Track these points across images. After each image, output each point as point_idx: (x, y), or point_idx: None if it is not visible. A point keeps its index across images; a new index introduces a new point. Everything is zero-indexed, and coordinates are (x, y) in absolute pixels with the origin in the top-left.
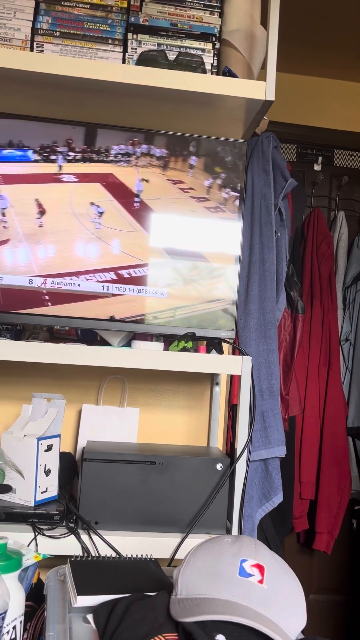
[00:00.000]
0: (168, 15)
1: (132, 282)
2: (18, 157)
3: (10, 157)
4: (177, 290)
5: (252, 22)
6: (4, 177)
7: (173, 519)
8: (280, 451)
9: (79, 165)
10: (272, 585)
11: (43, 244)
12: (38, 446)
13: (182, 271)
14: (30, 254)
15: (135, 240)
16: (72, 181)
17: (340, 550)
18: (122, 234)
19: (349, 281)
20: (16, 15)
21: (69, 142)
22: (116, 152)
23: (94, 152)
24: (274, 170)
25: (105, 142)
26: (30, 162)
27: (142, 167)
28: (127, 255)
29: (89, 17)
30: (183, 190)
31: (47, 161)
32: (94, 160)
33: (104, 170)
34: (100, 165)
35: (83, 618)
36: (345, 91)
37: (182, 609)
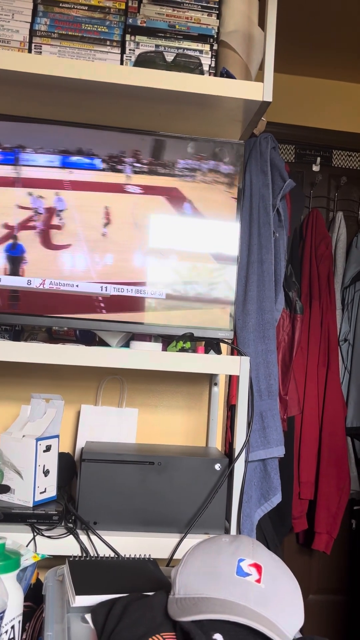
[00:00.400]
0: (166, 16)
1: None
2: (86, 165)
3: (79, 164)
4: (175, 291)
5: (249, 24)
6: (72, 184)
7: (171, 519)
8: (279, 451)
9: (144, 177)
10: (270, 584)
11: (103, 252)
12: (37, 447)
13: (181, 272)
14: (89, 261)
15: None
16: (137, 192)
17: (340, 551)
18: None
19: (348, 281)
20: (14, 17)
21: (137, 153)
22: (182, 167)
23: (161, 165)
24: (272, 171)
25: (172, 155)
26: (98, 171)
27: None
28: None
29: (87, 18)
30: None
31: (114, 171)
32: (159, 173)
33: (168, 184)
34: (166, 178)
35: (81, 618)
36: (343, 92)
37: (180, 608)
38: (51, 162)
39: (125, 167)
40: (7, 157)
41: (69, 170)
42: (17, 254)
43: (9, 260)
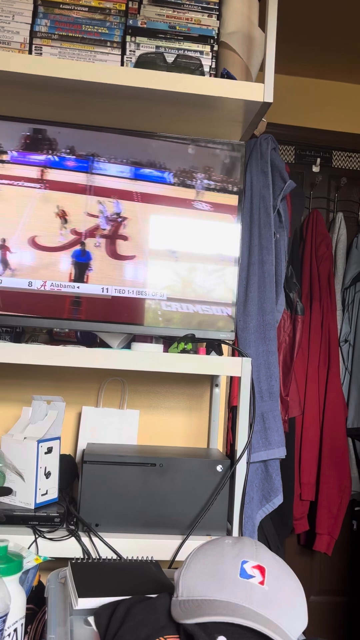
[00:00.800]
0: (166, 17)
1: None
2: (156, 178)
3: (149, 177)
4: (176, 292)
5: (250, 25)
6: (141, 196)
7: (173, 520)
8: (280, 452)
9: (214, 194)
10: (273, 586)
11: (165, 266)
12: (38, 449)
13: (182, 273)
14: (146, 273)
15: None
16: (205, 209)
17: (341, 552)
18: None
19: (348, 282)
20: (15, 19)
21: (208, 169)
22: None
23: (231, 183)
24: (273, 171)
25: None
26: (167, 185)
27: None
28: None
29: (87, 20)
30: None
31: (184, 186)
32: (229, 192)
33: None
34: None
35: (84, 620)
36: (343, 93)
37: (184, 610)
38: (122, 173)
39: (197, 183)
40: (80, 165)
41: (139, 182)
42: (84, 261)
43: (76, 266)
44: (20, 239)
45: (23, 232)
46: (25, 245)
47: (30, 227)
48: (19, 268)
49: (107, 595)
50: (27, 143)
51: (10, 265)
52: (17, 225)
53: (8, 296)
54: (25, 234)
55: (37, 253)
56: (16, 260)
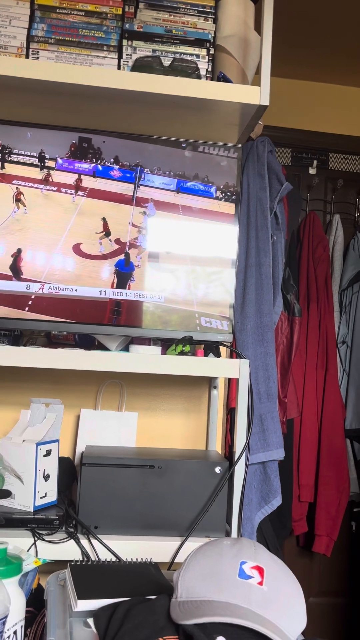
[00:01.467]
0: (162, 21)
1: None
2: (201, 192)
3: (193, 190)
4: (174, 294)
5: (245, 28)
6: (183, 208)
7: (172, 522)
8: (279, 454)
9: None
10: (272, 586)
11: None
12: (37, 451)
13: (179, 275)
14: (191, 287)
15: None
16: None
17: (340, 553)
18: None
19: (345, 284)
20: (12, 23)
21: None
22: None
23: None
24: (269, 174)
25: None
26: (211, 199)
27: None
28: None
29: (84, 24)
30: None
31: (228, 201)
32: (227, 194)
33: None
34: None
35: (84, 622)
36: (339, 95)
37: (183, 611)
38: (167, 185)
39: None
40: (125, 175)
41: (183, 195)
42: (127, 271)
43: (118, 275)
44: (64, 245)
45: (67, 239)
46: (70, 252)
47: (74, 235)
48: (60, 274)
49: (106, 597)
50: (72, 151)
51: (25, 275)
52: (63, 232)
53: (6, 299)
54: (69, 240)
55: (79, 260)
56: (60, 266)
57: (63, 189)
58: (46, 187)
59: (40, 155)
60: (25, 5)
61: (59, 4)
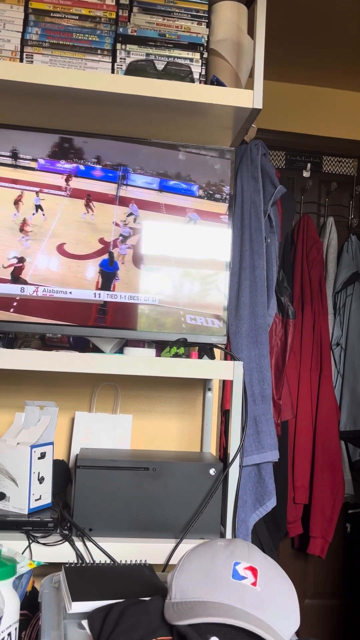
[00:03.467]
0: (156, 25)
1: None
2: (183, 190)
3: (176, 189)
4: (168, 297)
5: (239, 32)
6: (167, 207)
7: (167, 524)
8: (273, 456)
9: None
10: (266, 587)
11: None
12: (31, 454)
13: (173, 278)
14: (177, 284)
15: None
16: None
17: (335, 555)
18: None
19: (339, 286)
20: (5, 27)
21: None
22: None
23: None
24: (263, 177)
25: None
26: (194, 197)
27: None
28: None
29: (78, 28)
30: None
31: (211, 199)
32: (220, 198)
33: None
34: None
35: (78, 624)
36: (333, 98)
37: (177, 612)
38: (150, 184)
39: (225, 197)
40: (108, 175)
41: (166, 193)
42: (111, 270)
43: (102, 275)
44: (49, 246)
45: (51, 239)
46: (54, 252)
47: (58, 235)
48: (45, 275)
49: (100, 598)
50: (55, 152)
51: (28, 281)
52: (47, 232)
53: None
54: (52, 240)
55: (64, 260)
56: (44, 266)
57: (45, 190)
58: (27, 188)
59: (14, 153)
60: (19, 9)
61: (53, 8)
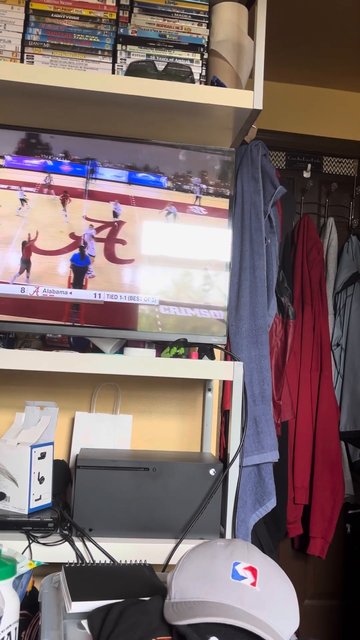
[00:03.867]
0: (157, 26)
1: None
2: (151, 182)
3: (144, 181)
4: (168, 297)
5: (239, 33)
6: (137, 200)
7: (167, 524)
8: (273, 456)
9: (210, 199)
10: (265, 587)
11: (158, 271)
12: (31, 454)
13: (174, 278)
14: (139, 278)
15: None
16: (202, 214)
17: (335, 555)
18: None
19: (339, 286)
20: (6, 28)
21: (203, 174)
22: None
23: (222, 189)
24: (263, 177)
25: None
26: (163, 189)
27: None
28: None
29: (79, 28)
30: None
31: (180, 190)
32: (226, 196)
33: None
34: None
35: (78, 624)
36: (333, 99)
37: (176, 612)
38: (118, 177)
39: (193, 188)
40: (76, 169)
41: (134, 186)
42: (82, 265)
43: (74, 270)
44: (18, 243)
45: (22, 237)
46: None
47: (29, 231)
48: (18, 271)
49: (100, 598)
50: (23, 148)
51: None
52: (16, 229)
53: (1, 302)
54: (23, 238)
55: (36, 257)
56: (15, 263)
57: (13, 187)
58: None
59: None
60: (20, 9)
61: (54, 9)
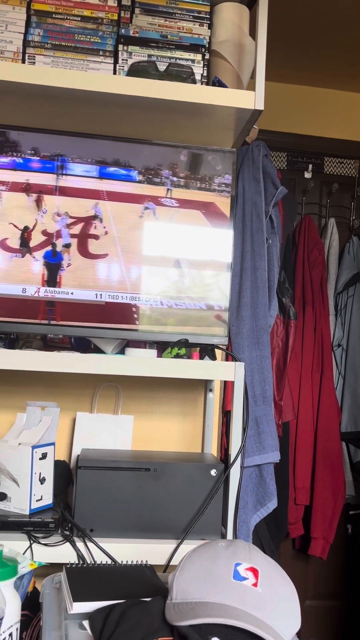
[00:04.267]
0: (158, 27)
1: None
2: (123, 176)
3: (115, 175)
4: (170, 298)
5: (240, 33)
6: (108, 194)
7: (168, 525)
8: (274, 457)
9: (181, 191)
10: (267, 588)
11: (137, 263)
12: (33, 454)
13: (175, 278)
14: (125, 271)
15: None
16: (173, 206)
17: (336, 556)
18: None
19: (341, 287)
20: (8, 28)
21: (174, 167)
22: (220, 182)
23: (198, 180)
24: (265, 178)
25: (209, 170)
26: (134, 182)
27: None
28: None
29: (80, 29)
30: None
31: (151, 183)
32: (198, 188)
33: (206, 199)
34: (203, 193)
35: (79, 624)
36: (334, 99)
37: (178, 613)
38: (89, 172)
39: (164, 181)
40: (46, 166)
41: (106, 180)
42: (55, 262)
43: (47, 267)
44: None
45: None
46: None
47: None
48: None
49: (101, 599)
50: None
51: None
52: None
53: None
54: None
55: (6, 255)
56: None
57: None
58: None
59: None
60: (21, 10)
61: (55, 10)
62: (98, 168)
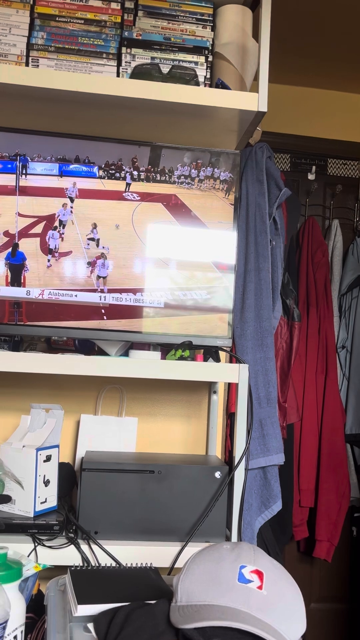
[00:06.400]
0: (161, 29)
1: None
2: (84, 173)
3: (77, 172)
4: (173, 300)
5: (244, 35)
6: (70, 191)
7: (172, 527)
8: (279, 459)
9: (142, 184)
10: (272, 591)
11: (102, 259)
12: (37, 457)
13: (179, 280)
14: (88, 268)
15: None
16: (135, 199)
17: (341, 558)
18: None
19: (345, 288)
20: (11, 31)
21: (134, 161)
22: (180, 174)
23: (158, 173)
24: (268, 180)
25: (169, 163)
26: (95, 178)
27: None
28: None
29: (83, 32)
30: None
31: (112, 178)
32: (157, 181)
33: (167, 191)
34: (164, 185)
35: (84, 627)
36: (338, 101)
37: (182, 615)
38: (50, 171)
39: (125, 175)
40: (6, 166)
41: (67, 178)
42: (18, 262)
43: (10, 268)
44: None
45: None
46: None
47: None
48: None
49: (106, 601)
50: None
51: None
52: None
53: (6, 305)
54: None
55: None
56: None
57: None
58: None
59: None
60: (25, 13)
61: (59, 13)
62: (58, 166)
